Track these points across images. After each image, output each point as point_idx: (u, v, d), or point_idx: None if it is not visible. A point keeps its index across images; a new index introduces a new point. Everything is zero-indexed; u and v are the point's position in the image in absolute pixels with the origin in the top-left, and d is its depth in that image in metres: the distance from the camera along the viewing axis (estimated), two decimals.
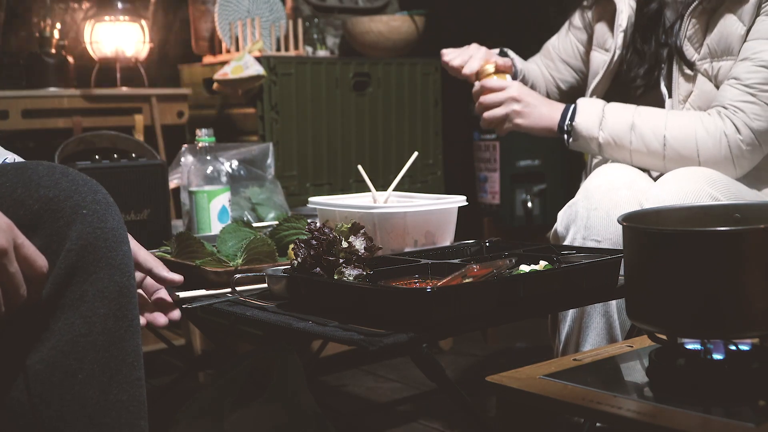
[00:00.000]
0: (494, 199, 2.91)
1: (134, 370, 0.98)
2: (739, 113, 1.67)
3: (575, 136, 1.79)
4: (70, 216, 0.94)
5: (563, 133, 1.81)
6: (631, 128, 1.73)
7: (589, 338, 1.60)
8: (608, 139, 1.76)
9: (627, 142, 1.74)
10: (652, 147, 1.72)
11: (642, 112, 1.74)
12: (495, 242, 1.53)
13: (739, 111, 1.67)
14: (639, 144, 1.73)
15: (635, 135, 1.73)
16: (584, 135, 1.78)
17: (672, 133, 1.70)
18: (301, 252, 1.24)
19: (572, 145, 1.82)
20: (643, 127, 1.72)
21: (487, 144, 2.91)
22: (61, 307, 0.93)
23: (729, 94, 1.68)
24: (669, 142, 1.70)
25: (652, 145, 1.72)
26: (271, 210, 2.05)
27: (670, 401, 0.93)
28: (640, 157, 1.75)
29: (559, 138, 1.84)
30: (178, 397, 1.84)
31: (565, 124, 1.80)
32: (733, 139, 1.67)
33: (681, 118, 1.72)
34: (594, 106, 1.79)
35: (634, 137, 1.73)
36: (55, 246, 0.93)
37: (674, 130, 1.70)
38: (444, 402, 2.29)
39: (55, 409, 0.93)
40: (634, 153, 1.74)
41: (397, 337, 1.07)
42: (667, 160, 1.72)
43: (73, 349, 0.93)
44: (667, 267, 0.96)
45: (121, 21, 2.77)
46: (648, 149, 1.72)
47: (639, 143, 1.73)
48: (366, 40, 2.93)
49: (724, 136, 1.67)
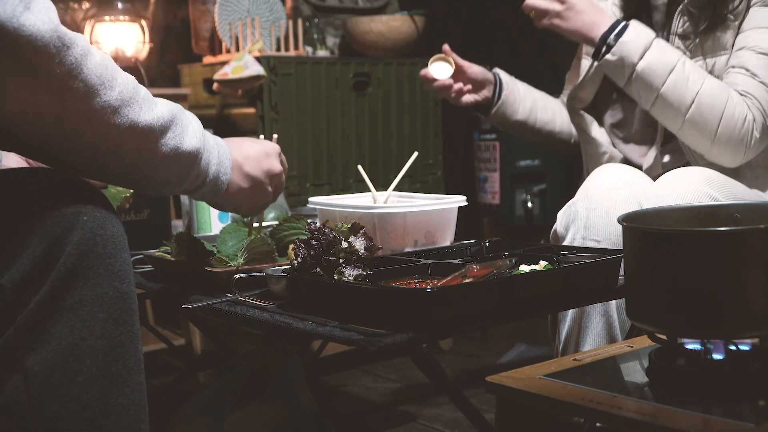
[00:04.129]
0: (494, 199, 2.91)
1: (134, 374, 0.99)
2: (753, 100, 1.67)
3: (615, 52, 1.71)
4: (70, 222, 0.95)
5: (602, 45, 1.73)
6: (670, 71, 1.67)
7: (589, 338, 1.60)
8: (643, 72, 1.69)
9: (659, 83, 1.68)
10: (681, 99, 1.67)
11: (686, 63, 1.69)
12: (495, 242, 1.53)
13: (754, 98, 1.67)
14: (670, 91, 1.67)
15: (671, 80, 1.67)
16: (624, 56, 1.70)
17: (705, 95, 1.67)
18: (301, 252, 1.24)
19: (603, 63, 1.73)
20: (682, 75, 1.67)
21: (487, 144, 2.91)
22: (61, 310, 0.94)
23: (740, 81, 1.69)
24: (699, 102, 1.66)
25: (681, 98, 1.67)
26: (271, 210, 2.05)
27: (670, 401, 0.93)
28: (662, 105, 1.69)
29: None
30: (178, 397, 1.84)
31: (610, 37, 1.72)
32: (752, 124, 1.67)
33: (718, 86, 1.69)
34: (646, 33, 1.72)
35: (669, 82, 1.67)
36: (56, 251, 0.94)
37: (708, 94, 1.67)
38: (444, 402, 2.29)
39: (54, 411, 0.93)
40: (659, 98, 1.69)
41: (397, 337, 1.07)
42: (687, 120, 1.68)
43: (73, 352, 0.94)
44: (667, 267, 0.96)
45: (121, 21, 2.77)
46: (675, 99, 1.67)
47: (670, 90, 1.67)
48: (366, 40, 2.93)
49: (749, 116, 1.67)
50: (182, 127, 1.09)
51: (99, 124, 0.98)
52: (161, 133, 1.05)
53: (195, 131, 1.12)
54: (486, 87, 2.00)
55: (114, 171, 1.05)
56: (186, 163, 1.11)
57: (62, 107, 0.95)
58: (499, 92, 1.99)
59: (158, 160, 1.07)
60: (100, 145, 0.99)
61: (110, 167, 1.03)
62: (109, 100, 0.98)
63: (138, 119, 1.01)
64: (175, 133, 1.07)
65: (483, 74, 1.98)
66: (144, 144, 1.04)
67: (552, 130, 2.06)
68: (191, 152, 1.11)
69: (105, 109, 0.97)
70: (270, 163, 1.30)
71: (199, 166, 1.14)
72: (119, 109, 0.99)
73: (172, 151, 1.07)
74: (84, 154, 1.00)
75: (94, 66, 0.96)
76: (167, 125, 1.06)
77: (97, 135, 0.98)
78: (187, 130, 1.10)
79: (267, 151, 1.30)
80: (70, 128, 0.97)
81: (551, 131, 2.06)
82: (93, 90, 0.96)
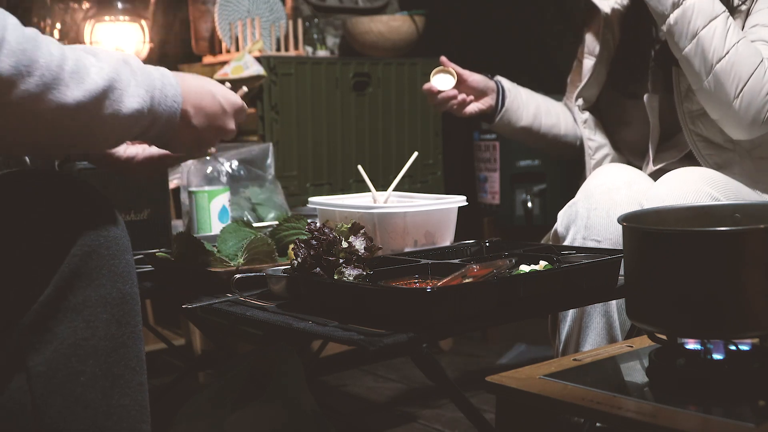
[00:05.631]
0: (494, 199, 2.91)
1: (137, 375, 0.99)
2: None
3: None
4: (74, 223, 0.96)
5: None
6: (713, 17, 1.65)
7: (589, 338, 1.60)
8: (688, 10, 1.65)
9: (700, 25, 1.65)
10: (716, 48, 1.65)
11: (730, 18, 1.67)
12: (495, 242, 1.53)
13: None
14: (708, 36, 1.65)
15: (711, 26, 1.65)
16: None
17: (740, 50, 1.65)
18: (301, 252, 1.24)
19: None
20: (723, 26, 1.65)
21: (487, 144, 2.91)
22: (64, 310, 0.94)
23: (764, 50, 1.68)
24: (732, 55, 1.64)
25: (716, 46, 1.65)
26: (271, 210, 2.05)
27: (670, 401, 0.93)
28: (696, 49, 1.66)
29: None
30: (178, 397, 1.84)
31: None
32: None
33: (754, 48, 1.67)
34: None
35: (710, 27, 1.65)
36: (59, 251, 0.94)
37: (743, 51, 1.65)
38: (444, 402, 2.29)
39: (57, 410, 0.93)
40: (696, 42, 1.65)
41: (397, 337, 1.07)
42: (716, 71, 1.65)
43: (76, 352, 0.94)
44: (667, 267, 0.96)
45: (121, 21, 2.77)
46: (711, 46, 1.65)
47: (709, 35, 1.65)
48: (366, 40, 2.93)
49: None
50: (120, 91, 0.99)
51: (23, 114, 0.91)
52: (95, 105, 0.97)
53: (137, 89, 1.02)
54: (488, 95, 1.99)
55: (50, 146, 0.98)
56: (126, 125, 1.02)
57: None
58: (502, 100, 1.98)
59: (95, 130, 0.99)
60: (27, 130, 0.93)
61: (43, 144, 0.97)
62: (29, 89, 0.89)
63: (65, 100, 0.93)
64: (111, 100, 0.98)
65: (484, 82, 1.97)
66: (76, 120, 0.96)
67: (557, 133, 2.05)
68: (131, 115, 1.01)
69: (25, 99, 0.89)
70: (223, 121, 1.21)
71: (141, 125, 1.05)
72: (42, 94, 0.91)
73: (110, 117, 0.99)
74: (12, 138, 0.94)
75: (7, 55, 0.88)
76: (101, 95, 0.97)
77: (22, 124, 0.92)
78: (127, 91, 1.00)
79: (225, 107, 1.21)
80: None
81: (557, 135, 2.05)
82: (8, 82, 0.88)
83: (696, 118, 1.77)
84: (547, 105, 2.05)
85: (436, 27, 3.20)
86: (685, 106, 1.77)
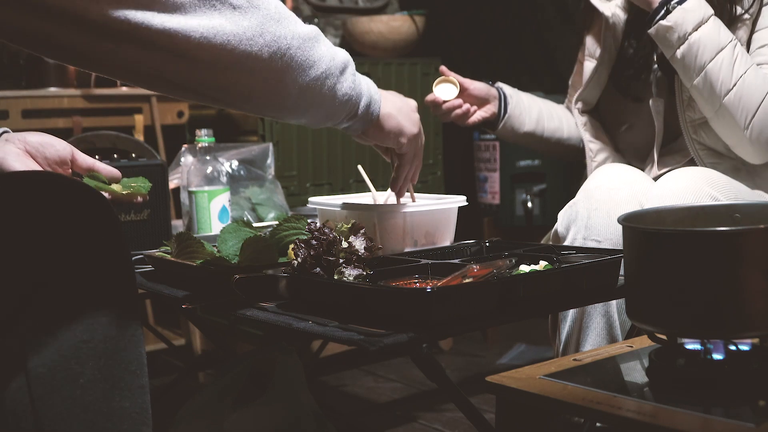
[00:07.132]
0: (494, 199, 2.91)
1: (137, 378, 0.99)
2: None
3: (670, 19, 1.66)
4: (71, 225, 0.96)
5: (661, 9, 1.68)
6: (720, 49, 1.65)
7: (589, 338, 1.60)
8: (694, 45, 1.66)
9: (707, 59, 1.65)
10: (724, 80, 1.65)
11: (737, 46, 1.67)
12: (495, 242, 1.53)
13: None
14: (716, 69, 1.65)
15: (719, 58, 1.65)
16: (680, 24, 1.66)
17: (748, 81, 1.65)
18: (301, 252, 1.24)
19: (658, 27, 1.68)
20: (730, 57, 1.65)
21: (487, 144, 2.91)
22: (63, 312, 0.94)
23: None
24: (740, 86, 1.65)
25: (725, 78, 1.65)
26: (271, 210, 2.05)
27: (670, 401, 0.93)
28: (705, 82, 1.67)
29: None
30: (178, 397, 1.84)
31: (672, 2, 1.67)
32: None
33: (762, 76, 1.67)
34: (706, 7, 1.68)
35: (717, 60, 1.65)
36: (59, 253, 0.94)
37: (751, 81, 1.65)
38: (444, 402, 2.29)
39: (57, 413, 0.93)
40: (704, 75, 1.66)
41: (397, 337, 1.07)
42: (725, 103, 1.66)
43: (75, 354, 0.94)
44: (667, 267, 0.96)
45: None
46: (719, 79, 1.65)
47: (716, 68, 1.65)
48: (366, 40, 2.93)
49: None
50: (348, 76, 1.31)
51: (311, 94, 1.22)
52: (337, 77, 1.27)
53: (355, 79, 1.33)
54: (490, 102, 1.99)
55: (292, 111, 1.23)
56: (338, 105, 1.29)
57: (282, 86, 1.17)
58: (505, 106, 1.99)
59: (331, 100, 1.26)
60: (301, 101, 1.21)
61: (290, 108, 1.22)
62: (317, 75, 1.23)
63: (340, 89, 1.27)
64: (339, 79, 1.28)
65: (486, 90, 1.98)
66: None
67: (560, 137, 2.05)
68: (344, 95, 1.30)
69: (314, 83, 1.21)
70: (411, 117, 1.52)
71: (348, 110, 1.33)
72: (325, 79, 1.24)
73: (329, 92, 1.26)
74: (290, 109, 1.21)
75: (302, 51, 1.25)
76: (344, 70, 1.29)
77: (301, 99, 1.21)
78: (350, 79, 1.31)
79: (411, 105, 1.53)
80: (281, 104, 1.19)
81: (560, 138, 2.05)
82: (303, 68, 1.22)
83: (698, 126, 1.77)
84: (549, 109, 2.05)
85: (436, 27, 3.20)
86: (688, 114, 1.77)
